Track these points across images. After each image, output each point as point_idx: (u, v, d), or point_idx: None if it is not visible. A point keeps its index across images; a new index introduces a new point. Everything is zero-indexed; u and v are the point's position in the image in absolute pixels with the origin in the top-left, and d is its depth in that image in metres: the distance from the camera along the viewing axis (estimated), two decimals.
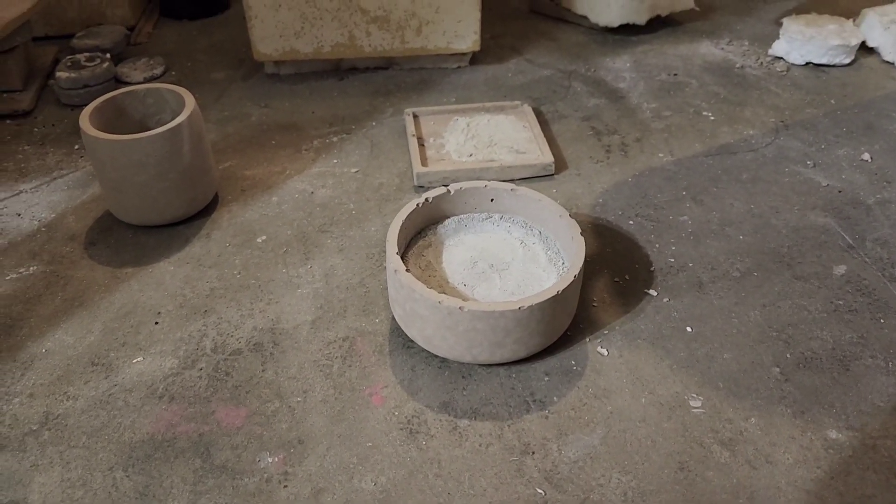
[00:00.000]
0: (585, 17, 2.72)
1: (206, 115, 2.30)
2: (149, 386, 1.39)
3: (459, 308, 1.23)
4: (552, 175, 1.95)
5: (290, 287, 1.62)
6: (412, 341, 1.44)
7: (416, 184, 1.92)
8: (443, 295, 1.26)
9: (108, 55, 2.45)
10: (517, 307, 1.24)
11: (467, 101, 2.32)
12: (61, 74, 2.32)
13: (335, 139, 2.15)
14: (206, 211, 1.86)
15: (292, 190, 1.94)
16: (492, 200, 1.58)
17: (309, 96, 2.38)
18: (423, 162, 1.95)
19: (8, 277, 1.68)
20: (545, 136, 2.08)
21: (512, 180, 1.92)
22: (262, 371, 1.42)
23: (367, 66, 2.50)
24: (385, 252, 1.70)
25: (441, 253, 1.52)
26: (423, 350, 1.43)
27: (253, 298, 1.59)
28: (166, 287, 1.63)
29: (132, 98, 1.85)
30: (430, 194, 1.54)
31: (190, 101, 1.75)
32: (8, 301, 1.61)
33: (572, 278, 1.30)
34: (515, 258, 1.51)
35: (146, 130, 1.90)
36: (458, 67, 2.51)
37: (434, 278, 1.46)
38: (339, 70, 2.50)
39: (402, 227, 1.44)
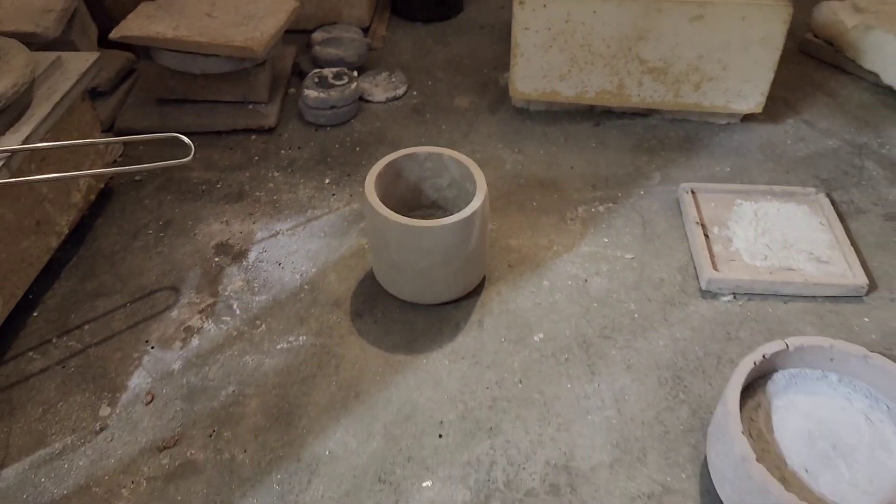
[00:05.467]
0: (874, 74, 2.37)
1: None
2: None
3: None
4: (860, 297, 1.71)
5: (578, 411, 1.48)
6: None
7: (704, 288, 1.72)
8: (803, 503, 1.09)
9: (355, 73, 2.33)
10: None
11: (744, 173, 2.07)
12: (310, 93, 2.22)
13: (601, 209, 1.97)
14: (476, 289, 1.73)
15: (563, 274, 1.78)
16: (831, 360, 1.38)
17: (564, 143, 2.20)
18: (713, 263, 1.75)
19: (279, 346, 1.62)
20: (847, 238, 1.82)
21: (813, 298, 1.70)
22: None
23: (624, 110, 2.27)
24: (678, 379, 1.53)
25: (771, 417, 1.34)
26: None
27: (540, 419, 1.47)
28: (444, 388, 1.53)
29: (411, 161, 1.72)
30: (767, 350, 1.35)
31: (482, 183, 1.60)
32: (283, 378, 1.55)
33: None
34: (861, 440, 1.31)
35: (420, 194, 1.79)
36: (728, 124, 2.25)
37: (768, 455, 1.28)
38: (593, 113, 2.29)
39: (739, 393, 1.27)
